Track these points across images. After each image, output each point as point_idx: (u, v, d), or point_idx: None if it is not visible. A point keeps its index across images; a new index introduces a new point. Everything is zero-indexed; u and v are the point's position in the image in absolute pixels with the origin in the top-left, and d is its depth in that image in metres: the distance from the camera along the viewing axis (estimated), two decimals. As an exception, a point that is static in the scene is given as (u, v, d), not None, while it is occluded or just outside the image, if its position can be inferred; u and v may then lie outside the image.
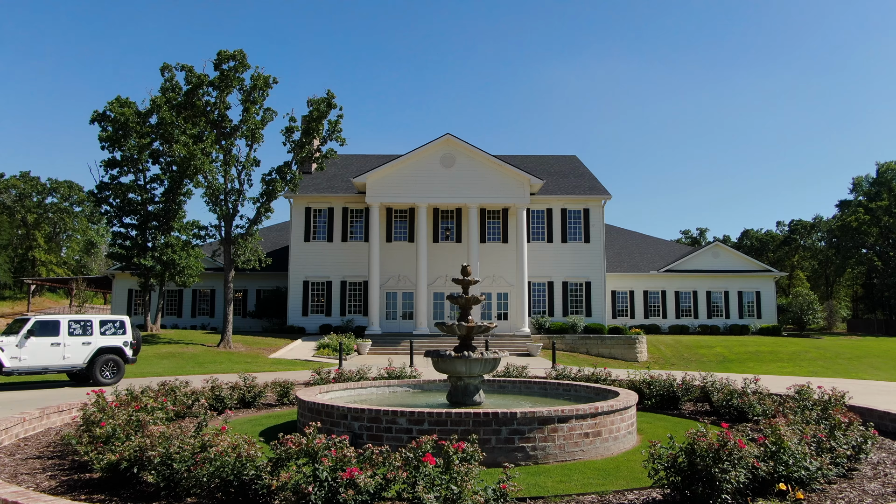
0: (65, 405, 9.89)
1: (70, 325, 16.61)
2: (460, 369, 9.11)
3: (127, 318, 17.99)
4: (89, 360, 16.64)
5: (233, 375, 19.68)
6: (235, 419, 10.44)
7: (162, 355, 24.11)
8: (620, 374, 16.95)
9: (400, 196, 33.75)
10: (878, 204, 54.97)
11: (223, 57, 26.12)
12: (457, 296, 9.65)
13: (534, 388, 11.34)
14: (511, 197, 33.87)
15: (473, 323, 9.38)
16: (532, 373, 15.23)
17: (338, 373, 13.26)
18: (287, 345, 29.30)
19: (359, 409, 7.55)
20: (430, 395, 10.74)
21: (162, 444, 5.75)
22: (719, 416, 10.37)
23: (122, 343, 17.30)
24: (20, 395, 14.73)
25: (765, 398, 9.90)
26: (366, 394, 10.87)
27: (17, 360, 15.60)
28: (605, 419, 7.77)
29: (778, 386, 17.25)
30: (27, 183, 59.48)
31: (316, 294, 36.06)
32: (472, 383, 9.32)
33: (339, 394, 10.45)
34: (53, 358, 16.14)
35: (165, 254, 29.60)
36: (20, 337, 15.72)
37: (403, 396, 10.81)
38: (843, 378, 25.78)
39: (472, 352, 9.23)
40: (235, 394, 11.34)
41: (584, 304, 36.71)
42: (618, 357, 32.61)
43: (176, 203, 31.42)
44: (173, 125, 26.38)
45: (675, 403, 11.44)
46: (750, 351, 34.63)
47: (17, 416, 8.65)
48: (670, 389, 11.40)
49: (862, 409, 9.64)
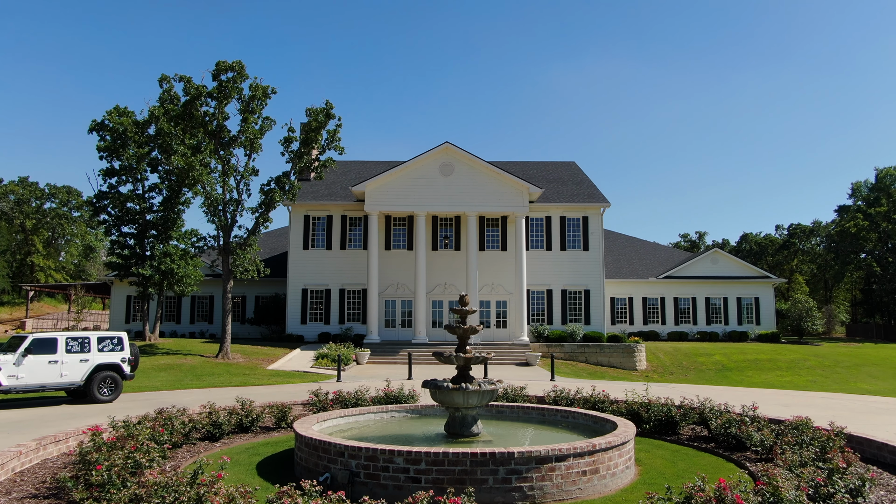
0: (61, 434, 9.85)
1: (68, 342, 16.57)
2: (458, 401, 9.09)
3: (125, 334, 17.94)
4: (87, 378, 16.59)
5: (231, 391, 19.65)
6: (233, 446, 10.42)
7: (160, 367, 24.07)
8: (619, 394, 16.94)
9: (399, 204, 33.74)
10: (876, 210, 54.99)
11: (222, 68, 26.08)
12: (454, 326, 9.63)
13: (532, 414, 11.32)
14: (510, 205, 33.86)
15: (471, 354, 9.37)
16: (531, 391, 15.20)
17: (335, 394, 13.23)
18: (285, 355, 29.26)
19: (356, 447, 7.53)
20: (429, 422, 10.71)
21: (157, 494, 5.73)
22: (717, 444, 10.34)
23: (119, 359, 17.25)
24: (17, 414, 14.69)
25: (763, 427, 9.86)
26: (363, 421, 10.84)
27: (15, 379, 15.56)
28: (603, 455, 7.75)
29: (777, 403, 17.24)
30: (25, 188, 59.40)
31: (315, 302, 36.04)
32: (470, 414, 9.30)
33: (336, 422, 10.43)
34: (51, 376, 16.09)
35: (164, 263, 29.57)
36: (17, 355, 15.66)
37: (401, 424, 10.78)
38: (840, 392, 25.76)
39: (470, 383, 9.21)
40: (233, 419, 11.31)
41: (582, 311, 36.70)
42: (616, 366, 32.60)
43: (174, 212, 31.39)
44: (171, 136, 26.35)
45: (673, 428, 11.42)
46: (749, 359, 34.62)
47: (13, 450, 8.61)
48: (668, 414, 11.37)
49: (860, 439, 9.62)
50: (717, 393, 20.08)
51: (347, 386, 20.40)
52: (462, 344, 9.67)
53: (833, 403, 17.72)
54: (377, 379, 23.48)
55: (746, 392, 20.87)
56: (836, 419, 14.27)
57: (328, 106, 27.81)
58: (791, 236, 75.36)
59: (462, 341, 9.69)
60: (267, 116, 28.59)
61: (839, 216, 62.41)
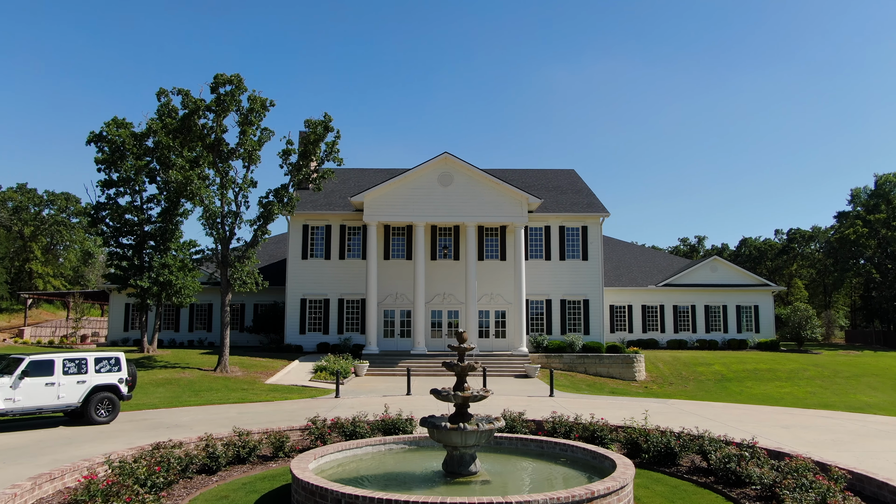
0: (57, 472, 9.78)
1: (65, 363, 16.50)
2: (456, 441, 9.03)
3: (122, 354, 17.88)
4: (84, 399, 16.52)
5: (229, 409, 19.61)
6: (230, 481, 10.35)
7: (158, 382, 24.00)
8: (617, 416, 16.92)
9: (397, 215, 33.68)
10: (876, 216, 54.97)
11: (220, 81, 26.01)
12: (452, 364, 9.57)
13: (531, 446, 11.27)
14: (509, 216, 33.80)
15: (469, 392, 9.31)
16: (529, 414, 15.14)
17: (333, 422, 13.19)
18: (284, 367, 29.19)
19: (352, 494, 7.48)
20: (427, 456, 10.66)
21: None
22: (717, 478, 10.29)
23: (116, 380, 17.17)
24: (13, 438, 14.61)
25: (763, 464, 9.83)
26: (361, 454, 10.82)
27: (12, 402, 15.48)
28: (602, 502, 7.70)
29: (776, 424, 17.19)
30: (24, 195, 59.32)
31: (313, 312, 35.97)
32: (468, 453, 9.24)
33: (334, 457, 10.40)
34: (48, 398, 16.02)
35: (162, 274, 29.49)
36: (14, 377, 15.58)
37: (400, 458, 10.74)
38: (840, 404, 25.74)
39: (468, 422, 9.15)
40: (230, 451, 11.25)
41: (581, 321, 36.66)
42: (616, 376, 32.54)
43: (173, 223, 31.32)
44: (170, 149, 26.28)
45: (672, 459, 11.37)
46: (748, 369, 34.59)
47: (8, 492, 8.55)
48: (668, 445, 11.33)
49: (861, 476, 9.59)
50: (716, 413, 20.04)
51: (346, 404, 20.39)
52: (460, 382, 9.61)
53: (832, 424, 17.68)
54: (375, 394, 23.45)
55: (746, 411, 20.82)
56: (836, 444, 14.25)
57: (327, 119, 27.74)
58: (790, 241, 75.35)
59: (460, 379, 9.63)
60: (265, 128, 28.52)
61: (838, 222, 62.39)
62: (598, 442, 12.39)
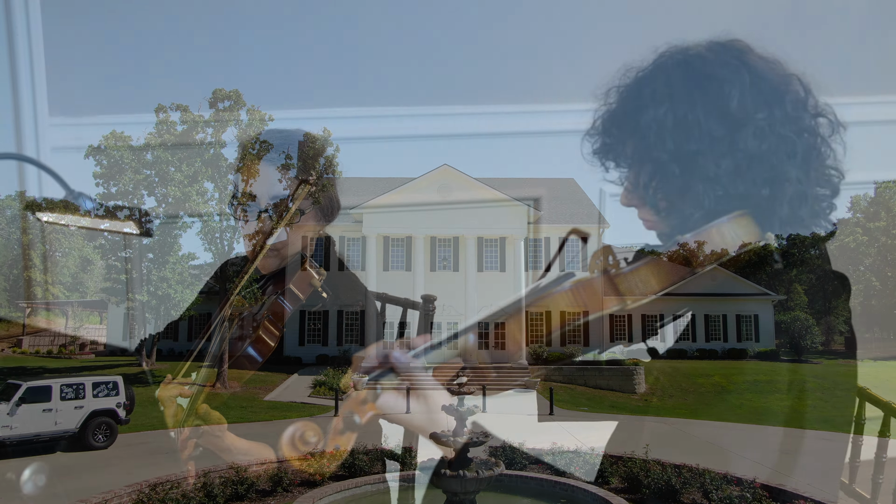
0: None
1: (62, 389, 16.44)
2: (455, 488, 8.93)
3: (120, 378, 17.82)
4: (81, 425, 16.46)
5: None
6: (227, 522, 10.30)
7: (155, 401, 23.87)
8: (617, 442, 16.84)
9: (396, 227, 33.65)
10: (875, 224, 54.99)
11: (219, 96, 26.01)
12: (452, 408, 9.49)
13: (530, 483, 11.18)
14: (509, 228, 33.78)
15: (469, 438, 9.22)
16: (529, 442, 15.06)
17: (332, 454, 13.11)
18: (283, 382, 29.16)
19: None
20: (427, 495, 10.60)
21: None
22: (719, 519, 10.23)
23: (114, 405, 17.12)
24: (10, 465, 14.54)
25: (765, 507, 9.78)
26: (360, 494, 10.75)
27: (9, 430, 15.41)
28: (603, 556, 7.64)
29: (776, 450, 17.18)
30: (22, 202, 59.18)
31: (312, 323, 35.91)
32: (468, 499, 9.16)
33: (333, 497, 10.35)
34: (45, 424, 15.96)
35: (160, 289, 29.43)
36: (11, 405, 15.51)
37: (401, 499, 10.68)
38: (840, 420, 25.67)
39: (468, 468, 9.07)
40: (228, 490, 11.17)
41: (581, 332, 36.60)
42: (616, 388, 32.46)
43: (171, 237, 31.23)
44: (168, 164, 26.26)
45: (673, 496, 11.30)
46: (748, 380, 34.56)
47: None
48: (668, 483, 11.26)
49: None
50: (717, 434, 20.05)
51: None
52: (460, 424, 9.53)
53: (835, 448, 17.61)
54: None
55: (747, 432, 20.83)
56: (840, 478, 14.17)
57: (326, 133, 27.62)
58: (790, 246, 75.21)
59: (459, 422, 9.55)
60: (264, 140, 28.41)
61: (838, 230, 62.37)
62: (598, 476, 12.32)
